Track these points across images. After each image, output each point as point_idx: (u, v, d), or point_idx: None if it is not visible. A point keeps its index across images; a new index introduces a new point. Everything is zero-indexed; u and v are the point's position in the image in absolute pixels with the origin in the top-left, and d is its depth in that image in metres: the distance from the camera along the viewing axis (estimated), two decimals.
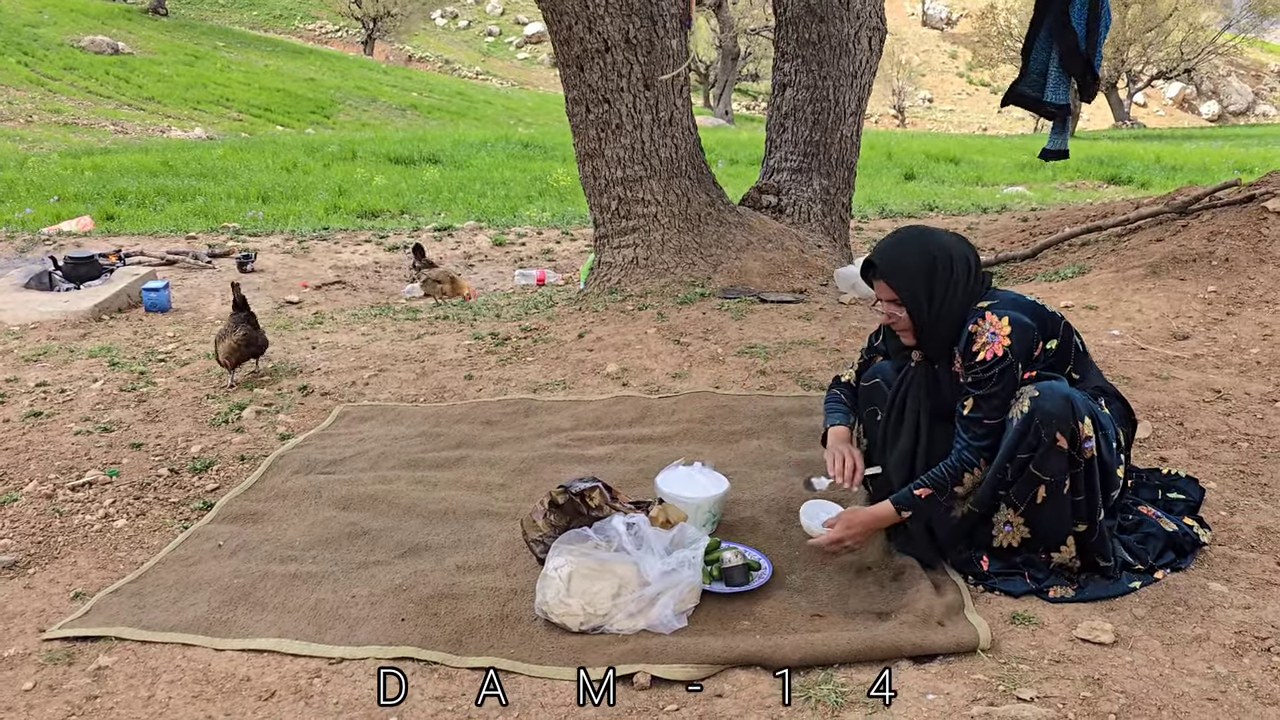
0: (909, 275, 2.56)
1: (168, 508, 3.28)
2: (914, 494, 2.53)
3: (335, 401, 4.21)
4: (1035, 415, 2.42)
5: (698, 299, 5.17)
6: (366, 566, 2.76)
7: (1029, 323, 2.50)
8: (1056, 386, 2.46)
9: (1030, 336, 2.50)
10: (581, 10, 5.04)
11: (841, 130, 6.30)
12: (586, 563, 2.45)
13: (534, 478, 3.33)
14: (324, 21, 45.33)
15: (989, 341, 2.48)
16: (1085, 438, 2.44)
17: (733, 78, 32.09)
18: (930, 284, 2.54)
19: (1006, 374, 2.47)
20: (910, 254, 2.58)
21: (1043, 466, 2.44)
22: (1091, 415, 2.47)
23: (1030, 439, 2.43)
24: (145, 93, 23.82)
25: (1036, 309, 2.58)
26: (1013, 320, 2.48)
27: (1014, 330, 2.48)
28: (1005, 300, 2.55)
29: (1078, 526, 2.52)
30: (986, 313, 2.51)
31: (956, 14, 58.55)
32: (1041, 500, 2.48)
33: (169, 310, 6.57)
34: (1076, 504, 2.49)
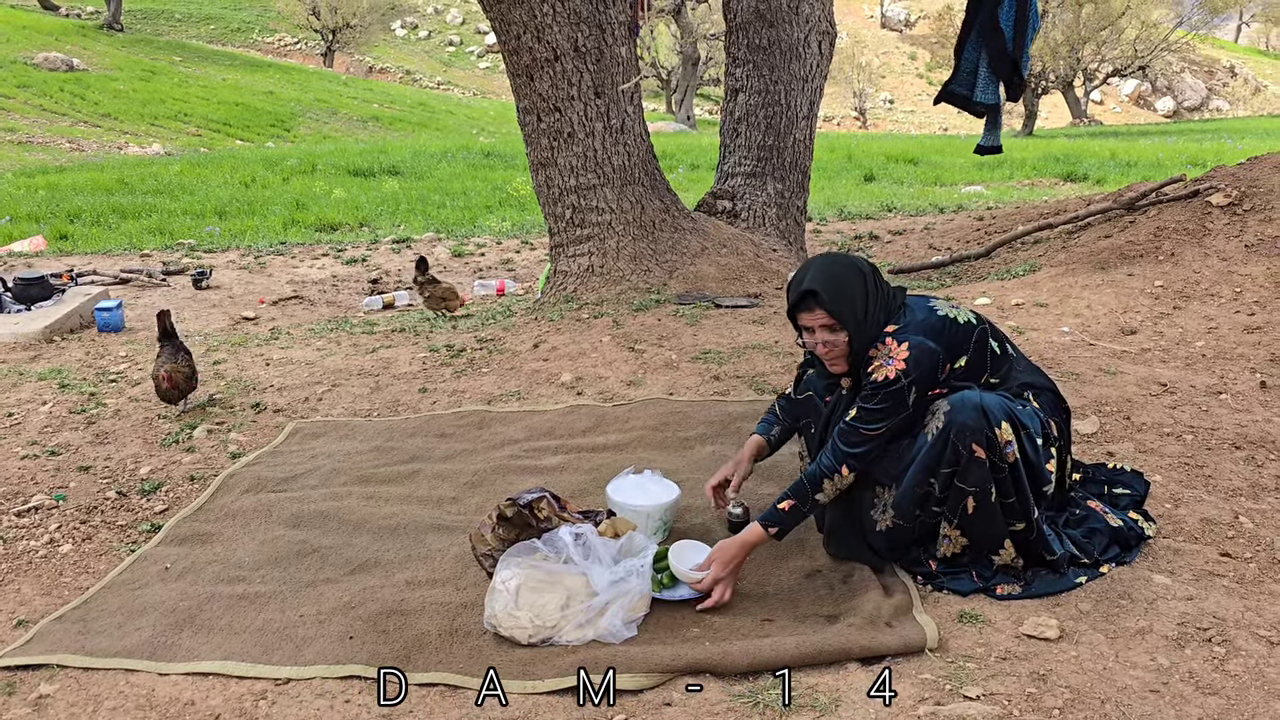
0: (848, 297, 2.55)
1: (115, 531, 3.24)
2: (777, 508, 2.56)
3: (288, 418, 4.17)
4: (950, 429, 2.44)
5: (653, 305, 5.18)
6: (315, 585, 2.74)
7: (932, 347, 2.51)
8: (968, 397, 2.47)
9: (933, 360, 2.51)
10: (529, 20, 5.04)
11: (794, 134, 6.34)
12: (535, 575, 2.44)
13: (486, 490, 3.31)
14: (283, 34, 45.01)
15: (883, 365, 2.50)
16: (1005, 442, 2.46)
17: (694, 83, 32.19)
18: (865, 301, 2.56)
19: (896, 395, 2.48)
20: (844, 274, 2.57)
21: (966, 479, 2.47)
22: (1009, 418, 2.48)
23: (949, 454, 2.46)
24: (101, 109, 23.55)
25: (944, 328, 2.57)
26: (912, 345, 2.50)
27: (912, 355, 2.49)
28: (912, 323, 2.56)
29: (1015, 526, 2.55)
30: (888, 338, 2.54)
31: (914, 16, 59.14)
32: (972, 510, 2.51)
33: (122, 330, 6.48)
34: (1008, 506, 2.52)
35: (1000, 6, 4.44)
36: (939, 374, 2.53)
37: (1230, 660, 2.24)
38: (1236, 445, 3.43)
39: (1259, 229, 5.18)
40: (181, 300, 7.22)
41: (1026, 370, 2.72)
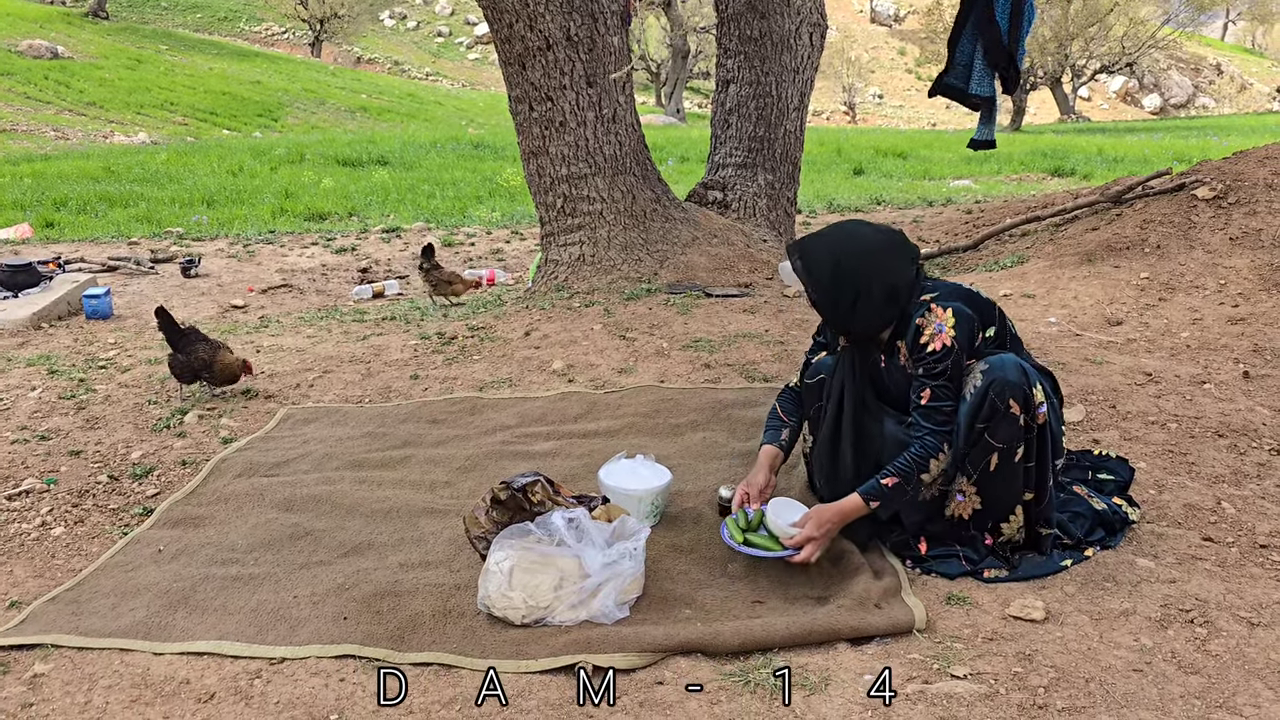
0: (814, 285, 2.63)
1: (107, 514, 3.24)
2: (881, 484, 2.55)
3: (279, 404, 4.18)
4: (991, 385, 2.49)
5: (644, 295, 5.19)
6: (309, 567, 2.75)
7: (969, 313, 2.56)
8: (1007, 357, 2.54)
9: (972, 326, 2.56)
10: (522, 8, 5.04)
11: (785, 125, 6.37)
12: (528, 556, 2.46)
13: (479, 475, 3.33)
14: (270, 24, 44.77)
15: (936, 332, 2.54)
16: (1039, 403, 2.52)
17: (684, 76, 32.18)
18: (834, 294, 2.60)
19: (956, 362, 2.53)
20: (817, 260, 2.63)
21: (996, 433, 2.50)
22: (1041, 384, 2.56)
23: (986, 408, 2.49)
24: (86, 97, 23.37)
25: (973, 297, 2.64)
26: (956, 311, 2.54)
27: (958, 321, 2.54)
28: (946, 291, 2.62)
29: (1026, 495, 2.59)
30: (932, 304, 2.57)
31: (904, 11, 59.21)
32: (995, 468, 2.54)
33: (110, 317, 6.47)
34: (1028, 470, 2.56)
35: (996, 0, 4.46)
36: (975, 341, 2.58)
37: (1212, 640, 2.28)
38: (1220, 433, 3.47)
39: (1243, 222, 5.23)
40: (170, 288, 7.21)
41: (1029, 360, 2.77)
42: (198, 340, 4.20)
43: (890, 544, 2.73)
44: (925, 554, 2.66)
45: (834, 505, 2.59)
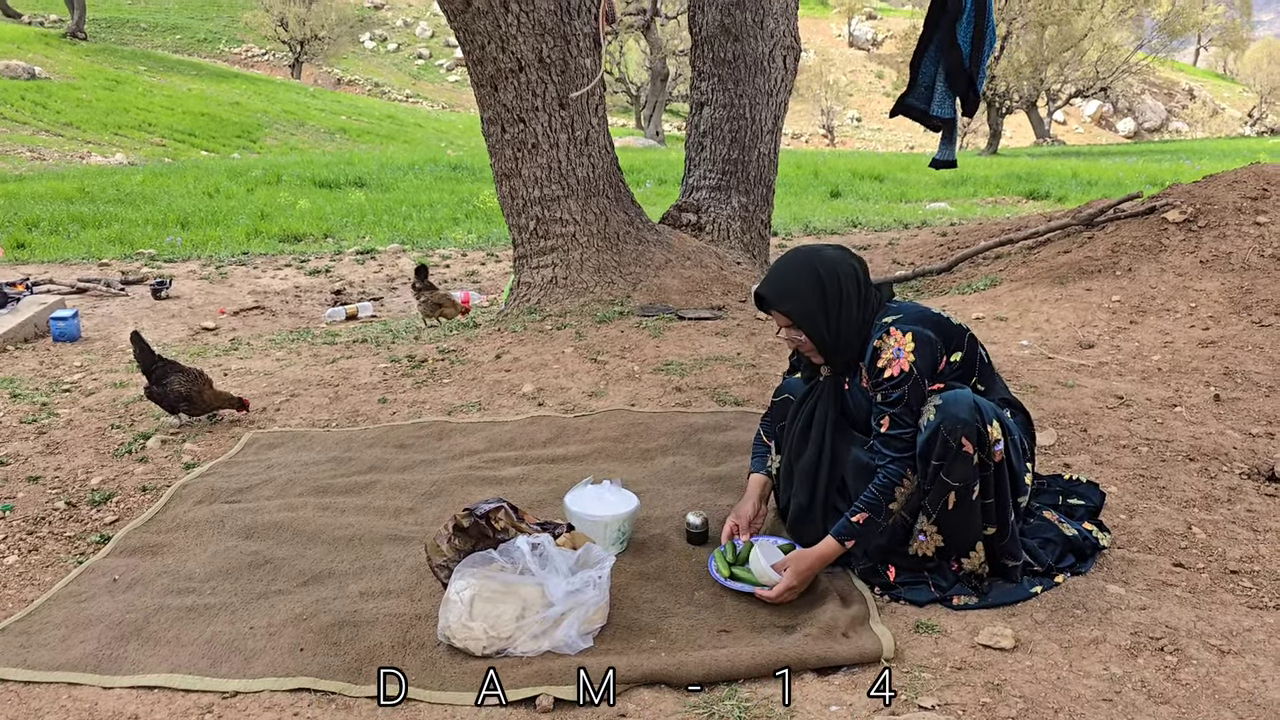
0: (800, 299, 2.58)
1: (62, 542, 3.17)
2: (851, 521, 2.52)
3: (245, 428, 4.11)
4: (942, 423, 2.45)
5: (616, 317, 5.16)
6: (267, 596, 2.69)
7: (932, 336, 2.53)
8: (961, 393, 2.50)
9: (934, 350, 2.52)
10: (494, 30, 5.02)
11: (759, 148, 6.37)
12: (490, 585, 2.41)
13: (444, 501, 3.28)
14: (250, 45, 44.74)
15: (894, 358, 2.50)
16: (994, 440, 2.48)
17: (663, 98, 32.33)
18: (824, 303, 2.56)
19: (914, 388, 2.50)
20: (796, 277, 2.60)
21: (951, 472, 2.47)
22: (999, 419, 2.52)
23: (939, 446, 2.45)
24: (64, 118, 23.23)
25: (940, 322, 2.60)
26: (916, 335, 2.51)
27: (917, 345, 2.50)
28: (909, 314, 2.58)
29: (987, 530, 2.56)
30: (891, 328, 2.53)
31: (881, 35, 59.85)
32: (953, 506, 2.51)
33: (78, 339, 6.38)
34: (986, 508, 2.53)
35: (958, 23, 4.49)
36: (938, 365, 2.53)
37: (1182, 669, 2.26)
38: (1190, 457, 3.47)
39: (1213, 245, 5.26)
40: (140, 310, 7.12)
41: (1003, 390, 2.75)
42: (173, 371, 4.10)
43: (858, 571, 2.69)
44: (894, 580, 2.63)
45: (812, 551, 2.57)
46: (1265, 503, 3.15)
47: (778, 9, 6.14)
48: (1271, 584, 2.66)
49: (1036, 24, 31.75)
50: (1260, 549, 2.84)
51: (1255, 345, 4.52)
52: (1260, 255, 5.09)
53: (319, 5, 40.82)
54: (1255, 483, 3.30)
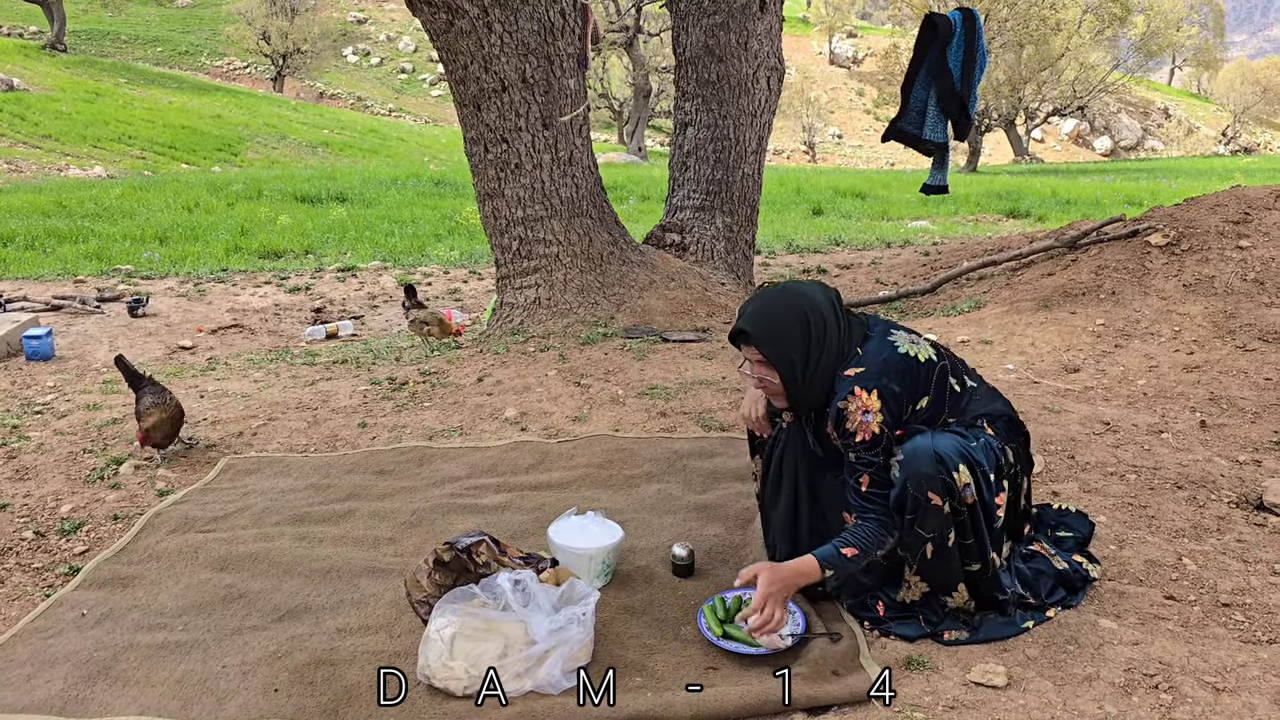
0: (785, 344, 2.47)
1: (30, 574, 3.08)
2: (840, 551, 2.45)
3: (221, 453, 4.03)
4: (907, 479, 2.39)
5: (600, 339, 5.11)
6: (241, 633, 2.61)
7: (897, 390, 2.44)
8: (920, 445, 2.41)
9: (900, 404, 2.45)
10: (477, 50, 4.98)
11: (743, 168, 6.35)
12: (471, 623, 2.35)
13: (425, 530, 3.21)
14: (232, 58, 44.58)
15: (864, 422, 2.41)
16: (964, 485, 2.42)
17: (645, 115, 32.40)
18: (806, 346, 2.47)
19: (886, 446, 2.44)
20: (783, 317, 2.50)
21: (924, 525, 2.43)
22: (966, 459, 2.44)
23: (910, 503, 2.41)
24: (42, 130, 23.01)
25: (905, 368, 2.48)
26: (881, 393, 2.41)
27: (884, 404, 2.42)
28: (872, 367, 2.45)
29: (971, 567, 2.52)
30: (855, 387, 2.42)
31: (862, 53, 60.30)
32: (930, 555, 2.47)
33: (52, 358, 6.27)
34: (966, 548, 2.48)
35: (949, 47, 4.48)
36: (903, 417, 2.47)
37: (1177, 708, 2.22)
38: (1179, 485, 3.44)
39: (1196, 269, 5.27)
40: (116, 328, 7.01)
41: (984, 397, 2.66)
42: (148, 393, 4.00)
43: (847, 605, 2.65)
44: (884, 615, 2.58)
45: (789, 565, 2.47)
46: (1255, 532, 3.12)
47: (762, 30, 6.14)
48: (1264, 618, 2.63)
49: (1015, 44, 32.08)
50: (1251, 581, 2.81)
51: (1240, 370, 4.51)
52: (1243, 279, 5.09)
53: (302, 19, 40.76)
54: (1244, 511, 3.27)
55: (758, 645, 2.43)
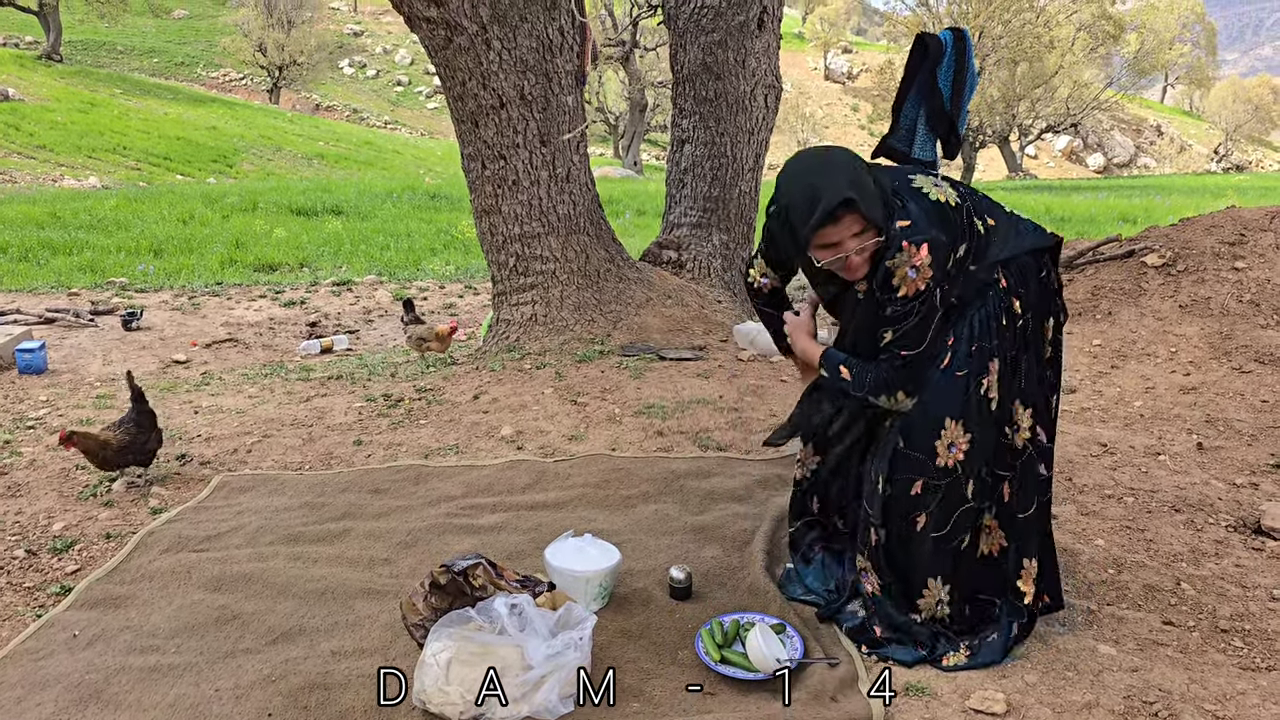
0: (874, 198, 2.30)
1: (21, 593, 3.05)
2: (838, 366, 2.51)
3: (215, 470, 4.00)
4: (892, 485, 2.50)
5: (597, 356, 5.10)
6: (234, 655, 2.59)
7: (944, 241, 2.31)
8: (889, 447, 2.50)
9: (946, 255, 2.32)
10: (475, 66, 4.98)
11: (740, 186, 6.35)
12: (467, 647, 2.33)
13: (420, 551, 3.19)
14: (228, 69, 44.61)
15: (909, 277, 2.29)
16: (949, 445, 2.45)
17: (641, 129, 32.49)
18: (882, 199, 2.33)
19: (927, 304, 2.33)
20: (856, 174, 2.29)
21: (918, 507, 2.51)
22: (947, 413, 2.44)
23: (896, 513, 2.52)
24: (37, 140, 22.97)
25: (944, 214, 2.36)
26: (932, 245, 2.28)
27: (934, 258, 2.29)
28: (919, 220, 2.31)
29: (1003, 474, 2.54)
30: (903, 241, 2.28)
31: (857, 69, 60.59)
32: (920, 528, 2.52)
33: (45, 372, 6.23)
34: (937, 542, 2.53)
35: (939, 67, 4.48)
36: (949, 268, 2.35)
37: None
38: (1176, 508, 3.44)
39: (1192, 290, 5.28)
40: (110, 342, 6.98)
41: (1003, 235, 2.51)
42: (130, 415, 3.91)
43: (846, 629, 2.63)
44: (880, 637, 2.57)
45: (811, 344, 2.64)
46: (1252, 557, 3.12)
47: (759, 48, 6.15)
48: (1262, 644, 2.62)
49: (1009, 61, 32.27)
50: (1250, 606, 2.80)
51: (1236, 392, 4.52)
52: (1239, 301, 5.11)
53: (298, 31, 40.82)
54: (1242, 535, 3.27)
55: (756, 670, 2.41)
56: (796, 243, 2.38)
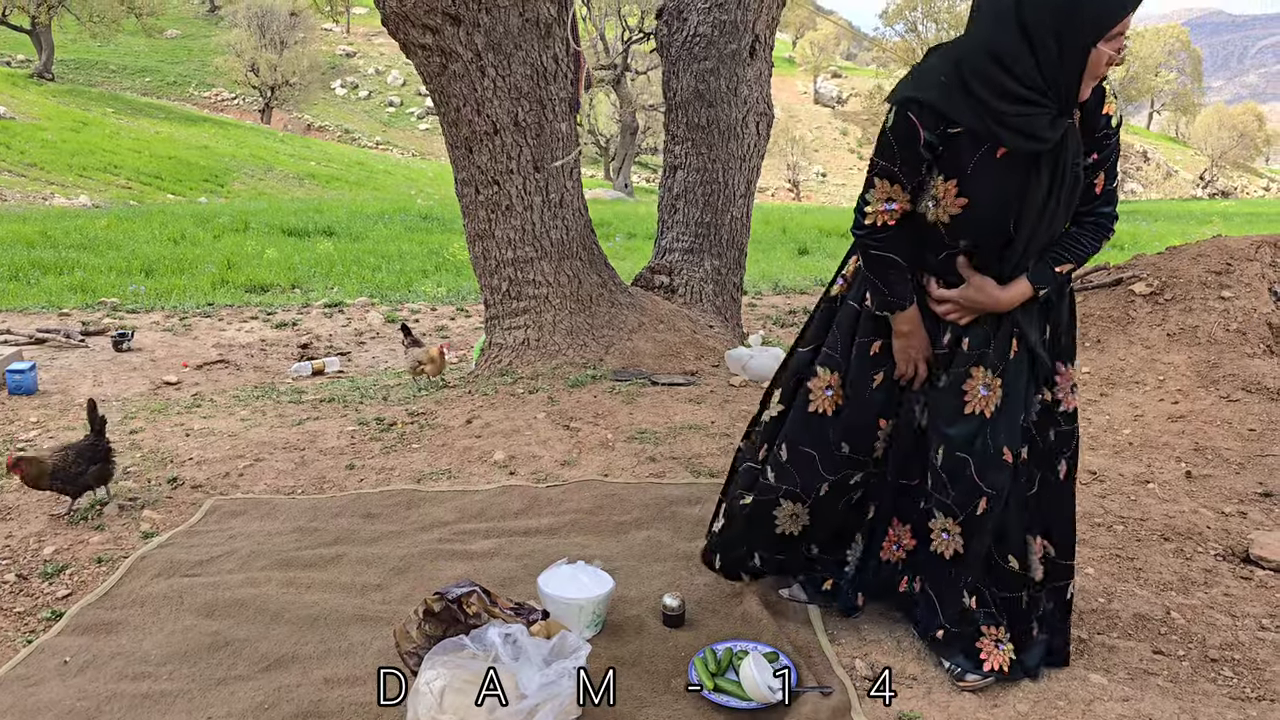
0: None
1: (12, 619, 3.04)
2: (1055, 271, 2.30)
3: (206, 494, 3.99)
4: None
5: (589, 381, 5.12)
6: (226, 683, 2.58)
7: None
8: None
9: None
10: (470, 93, 5.02)
11: (732, 212, 6.40)
12: (461, 675, 2.33)
13: (413, 577, 3.19)
14: (220, 89, 44.72)
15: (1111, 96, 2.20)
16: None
17: (631, 151, 32.65)
18: None
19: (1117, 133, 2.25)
20: None
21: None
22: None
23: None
24: (27, 158, 22.96)
25: None
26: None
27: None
28: None
29: None
30: None
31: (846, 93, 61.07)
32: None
33: (35, 393, 6.21)
34: None
35: None
36: None
37: None
38: (1165, 537, 3.47)
39: (1180, 319, 5.33)
40: (100, 363, 6.96)
41: None
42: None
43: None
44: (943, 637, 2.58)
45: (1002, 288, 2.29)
46: (1241, 586, 3.14)
47: (751, 76, 6.22)
48: (1252, 673, 2.64)
49: None
50: (1240, 636, 2.82)
51: (1224, 420, 4.56)
52: (1226, 330, 5.16)
53: (291, 51, 40.98)
54: (1230, 564, 3.29)
55: (750, 699, 2.42)
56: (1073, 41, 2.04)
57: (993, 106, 2.09)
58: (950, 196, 2.22)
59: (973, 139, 2.15)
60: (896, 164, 2.22)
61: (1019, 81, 2.07)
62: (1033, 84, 2.07)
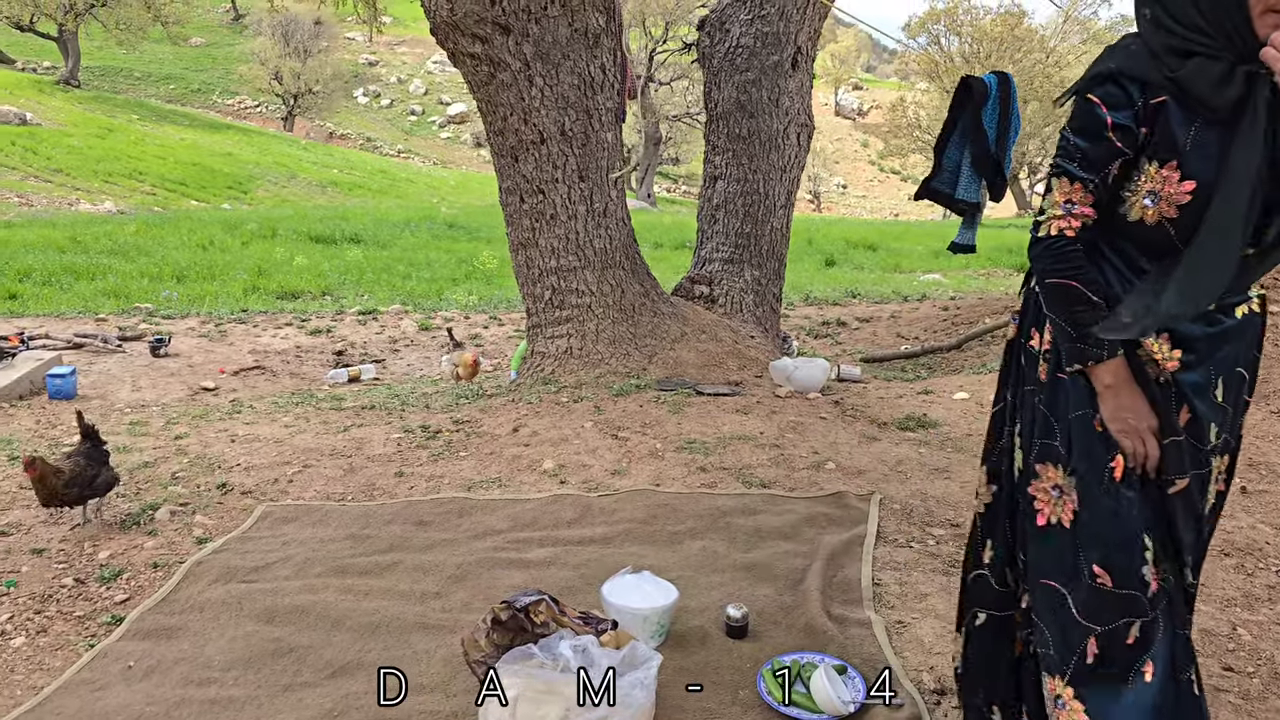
0: None
1: (72, 622, 3.04)
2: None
3: (256, 500, 4.00)
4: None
5: (634, 390, 5.11)
6: (293, 689, 2.58)
7: None
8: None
9: None
10: (517, 102, 5.03)
11: (772, 222, 6.39)
12: (534, 685, 2.32)
13: (471, 584, 3.18)
14: (243, 97, 45.01)
15: None
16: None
17: (655, 161, 32.67)
18: None
19: None
20: None
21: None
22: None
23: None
24: (54, 164, 23.16)
25: None
26: None
27: None
28: None
29: None
30: None
31: (867, 105, 61.04)
32: None
33: (75, 398, 6.25)
34: None
35: (984, 108, 4.53)
36: None
37: None
38: (1226, 553, 3.42)
39: None
40: (138, 368, 7.01)
41: None
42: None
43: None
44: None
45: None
46: None
47: (793, 88, 6.21)
48: None
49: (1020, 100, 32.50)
50: None
51: (1275, 435, 4.50)
52: (1275, 345, 5.10)
53: (314, 60, 41.22)
54: None
55: (821, 712, 2.40)
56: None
57: (1165, 61, 1.75)
58: (1173, 184, 1.76)
59: (1182, 106, 1.75)
60: (1076, 160, 1.83)
61: (1178, 21, 1.74)
62: (1190, 23, 1.73)
